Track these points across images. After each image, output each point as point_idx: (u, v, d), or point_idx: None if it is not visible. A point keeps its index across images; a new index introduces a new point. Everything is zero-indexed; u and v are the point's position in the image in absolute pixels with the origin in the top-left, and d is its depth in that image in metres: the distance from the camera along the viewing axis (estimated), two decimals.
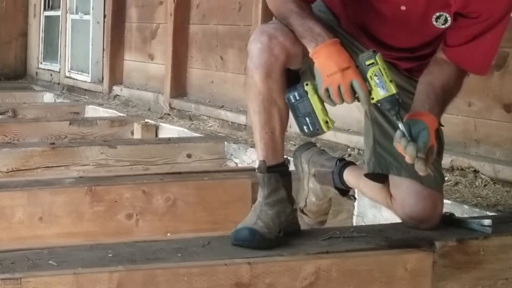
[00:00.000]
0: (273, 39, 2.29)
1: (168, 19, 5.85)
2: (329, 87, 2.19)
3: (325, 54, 2.20)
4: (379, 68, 2.18)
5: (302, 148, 2.84)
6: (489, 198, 3.21)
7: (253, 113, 2.34)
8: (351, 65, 2.18)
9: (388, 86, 2.18)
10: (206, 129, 5.14)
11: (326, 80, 2.19)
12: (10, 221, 3.06)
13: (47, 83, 8.18)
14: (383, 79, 2.18)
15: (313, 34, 2.22)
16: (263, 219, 2.31)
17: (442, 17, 2.33)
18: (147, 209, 3.26)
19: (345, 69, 2.17)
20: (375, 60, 2.18)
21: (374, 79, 2.18)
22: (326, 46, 2.20)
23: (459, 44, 2.40)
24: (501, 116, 3.47)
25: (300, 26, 2.25)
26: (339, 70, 2.17)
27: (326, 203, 2.85)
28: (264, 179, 2.35)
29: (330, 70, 2.18)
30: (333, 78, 2.18)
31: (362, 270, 2.25)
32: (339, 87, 2.18)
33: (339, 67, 2.17)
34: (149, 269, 2.04)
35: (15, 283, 1.89)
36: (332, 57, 2.19)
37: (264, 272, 2.12)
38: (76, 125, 5.30)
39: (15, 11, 8.72)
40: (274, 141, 2.34)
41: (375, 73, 2.18)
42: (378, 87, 2.18)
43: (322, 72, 2.19)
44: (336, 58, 2.19)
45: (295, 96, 2.25)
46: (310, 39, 2.22)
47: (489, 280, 2.48)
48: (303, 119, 2.25)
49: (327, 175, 2.74)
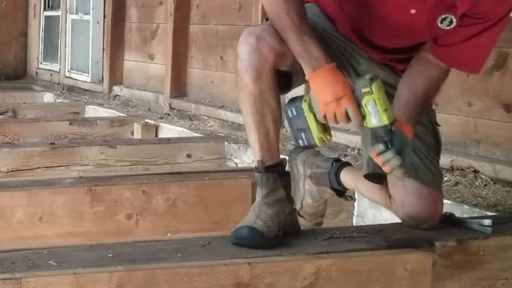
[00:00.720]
0: (261, 40, 2.29)
1: (168, 19, 5.85)
2: (326, 114, 2.23)
3: (321, 81, 2.22)
4: (373, 98, 2.19)
5: (297, 150, 2.84)
6: (489, 198, 3.21)
7: (246, 115, 2.34)
8: (346, 94, 2.20)
9: (381, 116, 2.19)
10: (206, 129, 5.14)
11: (322, 108, 2.23)
12: (10, 221, 3.06)
13: (47, 83, 8.18)
14: (377, 109, 2.19)
15: (311, 58, 2.22)
16: (262, 218, 2.31)
17: (447, 19, 2.32)
18: (147, 209, 3.26)
19: (340, 98, 2.20)
20: (371, 89, 2.19)
21: (368, 107, 2.20)
22: (323, 72, 2.22)
23: (455, 43, 2.39)
24: (501, 116, 3.47)
25: (299, 45, 2.24)
26: (334, 100, 2.20)
27: (322, 205, 2.85)
28: (262, 179, 2.35)
29: (326, 99, 2.21)
30: (329, 107, 2.21)
31: (362, 270, 2.25)
32: (335, 113, 2.22)
33: (335, 96, 2.20)
34: (149, 269, 2.04)
35: (15, 283, 1.89)
36: (328, 85, 2.21)
37: (264, 272, 2.13)
38: (76, 125, 5.30)
39: (15, 11, 8.72)
40: (269, 142, 2.34)
41: (369, 102, 2.19)
42: (371, 115, 2.20)
43: (318, 100, 2.23)
44: (332, 87, 2.21)
45: (292, 111, 2.29)
46: (308, 62, 2.23)
47: (489, 280, 2.48)
48: (299, 133, 2.29)
49: (323, 176, 2.74)
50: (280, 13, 2.25)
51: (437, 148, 2.61)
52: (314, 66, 2.22)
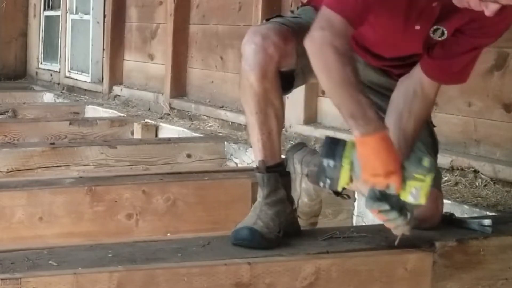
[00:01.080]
0: (267, 38, 2.28)
1: (168, 19, 5.84)
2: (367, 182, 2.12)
3: (373, 149, 2.06)
4: (424, 186, 2.10)
5: (294, 149, 2.84)
6: (489, 198, 3.21)
7: (250, 115, 2.34)
8: (397, 171, 2.08)
9: (421, 199, 2.12)
10: (206, 129, 5.14)
11: (366, 178, 2.10)
12: (10, 221, 3.06)
13: (47, 83, 8.17)
14: (420, 193, 2.11)
15: (365, 119, 2.05)
16: (263, 219, 2.31)
17: (439, 31, 2.31)
18: (147, 209, 3.26)
19: (391, 174, 2.08)
20: (424, 178, 2.09)
21: (412, 189, 2.10)
22: (376, 140, 2.06)
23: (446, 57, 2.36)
24: (501, 116, 3.47)
25: (353, 103, 2.07)
26: (383, 175, 2.07)
27: (318, 204, 2.85)
28: (264, 179, 2.35)
29: (375, 171, 2.08)
30: (374, 179, 2.09)
31: (362, 270, 2.25)
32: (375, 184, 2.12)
33: (385, 171, 2.07)
34: (149, 269, 2.04)
35: (15, 283, 1.90)
36: (380, 157, 2.06)
37: (264, 272, 2.13)
38: (76, 125, 5.30)
39: (15, 11, 8.72)
40: (271, 142, 2.34)
41: (417, 187, 2.10)
42: (411, 195, 2.11)
43: (365, 169, 2.09)
44: (385, 159, 2.07)
45: (329, 164, 2.12)
46: (361, 123, 2.06)
47: (489, 280, 2.48)
48: (326, 179, 2.15)
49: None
50: (333, 66, 2.09)
51: (434, 148, 2.61)
52: (367, 129, 2.06)
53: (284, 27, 2.34)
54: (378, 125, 2.08)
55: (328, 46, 2.10)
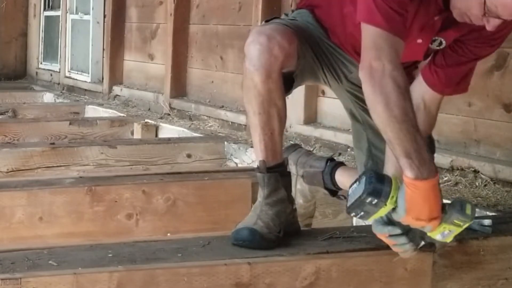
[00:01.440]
0: (272, 39, 2.28)
1: (168, 19, 5.85)
2: (406, 223, 2.11)
3: (423, 195, 2.03)
4: (458, 230, 2.13)
5: (289, 150, 2.84)
6: (489, 198, 3.21)
7: (253, 115, 2.34)
8: (439, 216, 2.07)
9: (448, 239, 2.14)
10: (206, 129, 5.14)
11: (409, 220, 2.08)
12: (10, 221, 3.06)
13: (47, 83, 8.18)
14: (452, 235, 2.13)
15: (421, 161, 2.01)
16: (263, 219, 2.31)
17: (437, 41, 2.31)
18: (147, 209, 3.26)
19: (433, 219, 2.07)
20: (462, 225, 2.11)
21: (446, 231, 2.12)
22: (428, 186, 2.03)
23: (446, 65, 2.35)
24: (501, 116, 3.47)
25: (411, 141, 2.02)
26: (427, 220, 2.07)
27: (312, 206, 2.85)
28: (264, 179, 2.35)
29: (420, 215, 2.06)
30: (417, 223, 2.08)
31: (362, 270, 2.25)
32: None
33: (430, 216, 2.06)
34: (149, 269, 2.04)
35: (15, 283, 1.90)
36: (429, 203, 2.04)
37: (264, 272, 2.13)
38: (76, 125, 5.30)
39: (15, 11, 8.72)
40: (273, 142, 2.34)
41: (451, 231, 2.12)
42: (441, 234, 2.13)
43: (409, 210, 2.06)
44: (432, 206, 2.05)
45: (372, 201, 2.08)
46: (416, 165, 2.01)
47: (489, 280, 2.48)
48: (361, 211, 2.12)
49: (316, 176, 2.73)
50: (394, 101, 2.02)
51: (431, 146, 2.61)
52: (422, 173, 2.02)
53: (287, 28, 2.34)
54: (433, 172, 2.05)
55: (389, 79, 2.03)
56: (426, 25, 2.25)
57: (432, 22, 2.24)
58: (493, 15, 2.05)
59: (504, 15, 2.04)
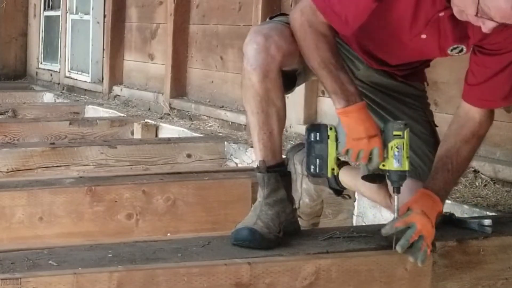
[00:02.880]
0: (269, 38, 2.28)
1: (168, 19, 5.85)
2: (351, 150, 2.22)
3: (355, 117, 2.22)
4: (403, 142, 2.22)
5: (294, 149, 2.84)
6: (489, 198, 3.21)
7: (251, 114, 2.34)
8: (378, 133, 2.22)
9: (404, 162, 2.22)
10: (206, 129, 5.14)
11: (350, 143, 2.22)
12: (10, 221, 3.06)
13: (47, 83, 8.18)
14: (402, 153, 2.22)
15: (346, 93, 2.22)
16: (263, 219, 2.31)
17: (458, 48, 2.32)
18: (147, 209, 3.26)
19: (372, 137, 2.21)
20: (403, 134, 2.22)
21: (394, 150, 2.22)
22: (358, 109, 2.22)
23: (479, 82, 2.36)
24: (501, 116, 3.46)
25: (334, 81, 2.23)
26: (366, 137, 2.21)
27: (319, 205, 2.85)
28: (264, 179, 2.35)
29: (358, 135, 2.21)
30: (358, 143, 2.21)
31: (362, 270, 2.25)
32: (360, 152, 2.22)
33: (367, 134, 2.21)
34: (149, 269, 2.04)
35: (15, 283, 1.89)
36: (362, 123, 2.21)
37: (264, 272, 2.12)
38: (76, 125, 5.30)
39: (15, 11, 8.72)
40: (272, 142, 2.34)
41: (397, 145, 2.22)
42: (395, 159, 2.22)
43: (348, 134, 2.22)
44: (366, 124, 2.22)
45: (315, 136, 2.28)
46: (342, 97, 2.22)
47: (489, 280, 2.48)
48: (314, 159, 2.28)
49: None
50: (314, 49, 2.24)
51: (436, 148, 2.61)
52: (349, 100, 2.22)
53: (287, 27, 2.34)
54: (358, 97, 2.23)
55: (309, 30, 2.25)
56: (430, 20, 2.25)
57: (437, 17, 2.23)
58: (486, 16, 2.05)
59: (496, 18, 2.04)
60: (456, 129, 2.41)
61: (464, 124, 2.40)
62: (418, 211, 2.24)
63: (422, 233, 2.22)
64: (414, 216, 2.24)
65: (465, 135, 2.40)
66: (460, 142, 2.39)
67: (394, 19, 2.26)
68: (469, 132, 2.40)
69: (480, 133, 2.42)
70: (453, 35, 2.28)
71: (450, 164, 2.37)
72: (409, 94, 2.60)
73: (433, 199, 2.31)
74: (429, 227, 2.24)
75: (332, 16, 2.21)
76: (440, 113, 3.61)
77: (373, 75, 2.55)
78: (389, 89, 2.56)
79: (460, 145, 2.39)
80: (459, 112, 2.43)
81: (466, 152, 2.41)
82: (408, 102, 2.60)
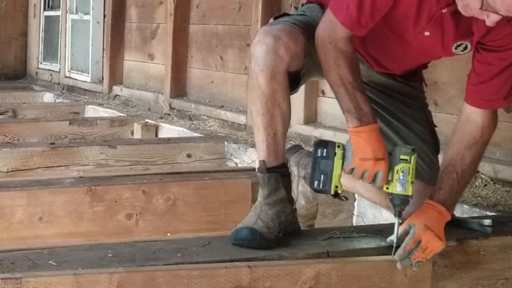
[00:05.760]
0: (278, 40, 2.28)
1: (168, 19, 5.84)
2: (356, 168, 2.23)
3: (366, 137, 2.23)
4: (409, 167, 2.22)
5: (290, 151, 2.83)
6: (489, 198, 3.21)
7: (256, 115, 2.34)
8: (385, 157, 2.23)
9: (408, 186, 2.23)
10: (206, 129, 5.14)
11: (356, 162, 2.23)
12: (10, 221, 3.06)
13: (47, 83, 8.18)
14: (407, 178, 2.22)
15: (360, 112, 2.23)
16: (263, 219, 2.31)
17: (462, 45, 2.32)
18: (147, 209, 3.26)
19: (379, 160, 2.22)
20: (410, 159, 2.22)
21: (399, 173, 2.23)
22: (369, 130, 2.23)
23: (482, 81, 2.36)
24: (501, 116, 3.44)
25: (349, 99, 2.24)
26: (373, 159, 2.22)
27: (314, 207, 2.85)
28: (264, 179, 2.35)
29: (365, 155, 2.22)
30: (364, 163, 2.22)
31: (362, 275, 2.25)
32: (364, 172, 2.23)
33: (375, 156, 2.22)
34: (149, 271, 2.04)
35: (15, 283, 1.89)
36: (371, 143, 2.22)
37: (264, 276, 2.12)
38: (76, 125, 5.30)
39: (15, 11, 8.72)
40: (276, 143, 2.34)
41: (403, 169, 2.22)
42: (399, 182, 2.23)
43: (355, 153, 2.23)
44: (375, 146, 2.22)
45: (323, 151, 2.27)
46: (356, 116, 2.23)
47: (489, 280, 2.48)
48: (319, 175, 2.27)
49: None
50: (333, 66, 2.25)
51: (436, 147, 2.62)
52: (362, 121, 2.23)
53: (294, 28, 2.34)
54: (372, 118, 2.24)
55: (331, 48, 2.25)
56: (433, 17, 2.25)
57: (440, 14, 2.23)
58: (491, 9, 2.05)
59: (502, 11, 2.04)
60: (459, 135, 2.40)
61: (466, 130, 2.40)
62: (420, 227, 2.25)
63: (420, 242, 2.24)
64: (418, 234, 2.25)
65: (468, 141, 2.39)
66: (464, 149, 2.38)
67: (398, 17, 2.26)
68: (472, 137, 2.39)
69: (483, 138, 2.41)
70: (456, 31, 2.28)
71: (455, 173, 2.37)
72: (408, 94, 2.60)
73: (438, 209, 2.31)
74: (434, 241, 2.25)
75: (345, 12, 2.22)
76: (440, 113, 3.61)
77: (373, 75, 2.55)
78: (389, 89, 2.56)
79: (464, 152, 2.38)
80: (461, 117, 2.42)
81: (471, 158, 2.39)
82: (408, 102, 2.60)
